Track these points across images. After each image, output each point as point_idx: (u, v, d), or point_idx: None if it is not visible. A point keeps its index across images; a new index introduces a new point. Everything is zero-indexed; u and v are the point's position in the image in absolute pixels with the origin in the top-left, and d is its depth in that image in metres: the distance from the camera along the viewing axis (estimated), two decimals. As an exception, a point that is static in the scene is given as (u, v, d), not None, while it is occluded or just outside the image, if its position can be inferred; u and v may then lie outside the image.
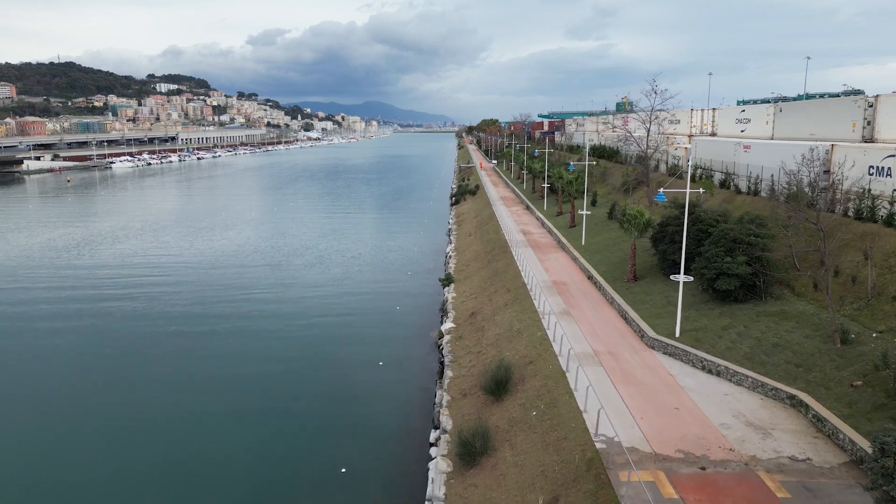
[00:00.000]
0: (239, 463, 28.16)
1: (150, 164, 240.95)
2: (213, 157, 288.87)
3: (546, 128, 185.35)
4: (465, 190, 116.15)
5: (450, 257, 65.44)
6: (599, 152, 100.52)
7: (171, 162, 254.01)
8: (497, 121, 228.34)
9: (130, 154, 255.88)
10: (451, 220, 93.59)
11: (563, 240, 57.63)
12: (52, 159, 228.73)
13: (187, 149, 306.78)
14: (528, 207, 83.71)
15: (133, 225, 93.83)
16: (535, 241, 61.03)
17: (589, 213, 55.03)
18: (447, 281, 54.52)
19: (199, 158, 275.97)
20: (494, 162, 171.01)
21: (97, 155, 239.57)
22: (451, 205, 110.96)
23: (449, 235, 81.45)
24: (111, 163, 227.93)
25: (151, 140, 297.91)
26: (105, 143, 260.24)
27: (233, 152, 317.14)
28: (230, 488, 26.37)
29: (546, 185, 77.10)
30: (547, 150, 77.98)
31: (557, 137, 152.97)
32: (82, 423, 31.89)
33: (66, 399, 34.57)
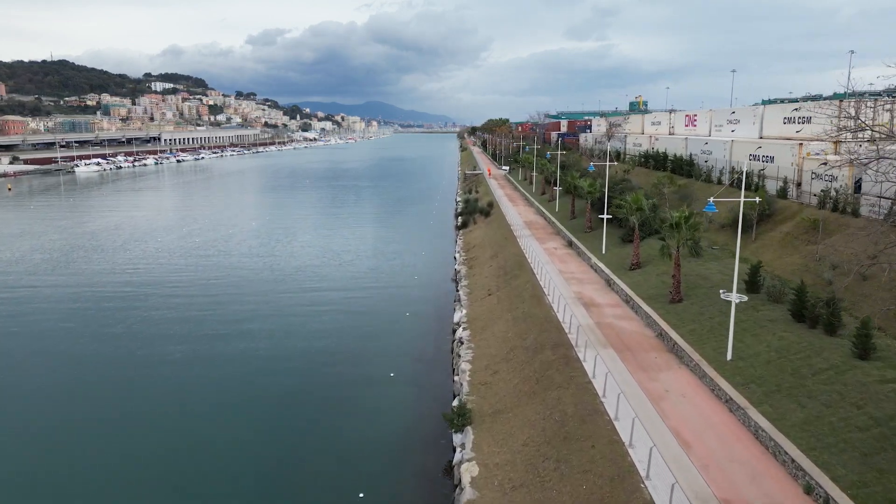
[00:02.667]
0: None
1: (120, 167, 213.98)
2: (196, 159, 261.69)
3: (564, 129, 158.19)
4: (475, 208, 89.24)
5: (461, 343, 38.53)
6: (655, 161, 73.88)
7: (145, 165, 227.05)
8: (507, 121, 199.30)
9: (103, 156, 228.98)
10: (457, 255, 66.95)
11: (674, 335, 30.72)
12: (11, 162, 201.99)
13: (170, 150, 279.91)
14: (570, 244, 56.82)
15: (29, 258, 67.16)
16: (614, 327, 34.18)
17: (744, 298, 28.17)
18: (460, 421, 27.81)
19: (178, 161, 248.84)
20: (506, 169, 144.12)
21: (62, 157, 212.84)
22: (457, 228, 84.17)
23: (456, 284, 54.90)
24: (75, 166, 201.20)
25: (130, 140, 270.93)
26: (74, 144, 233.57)
27: (218, 154, 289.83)
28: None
29: (606, 217, 50.29)
30: (608, 164, 50.78)
31: (581, 140, 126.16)
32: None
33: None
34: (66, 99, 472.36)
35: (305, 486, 25.60)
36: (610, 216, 50.25)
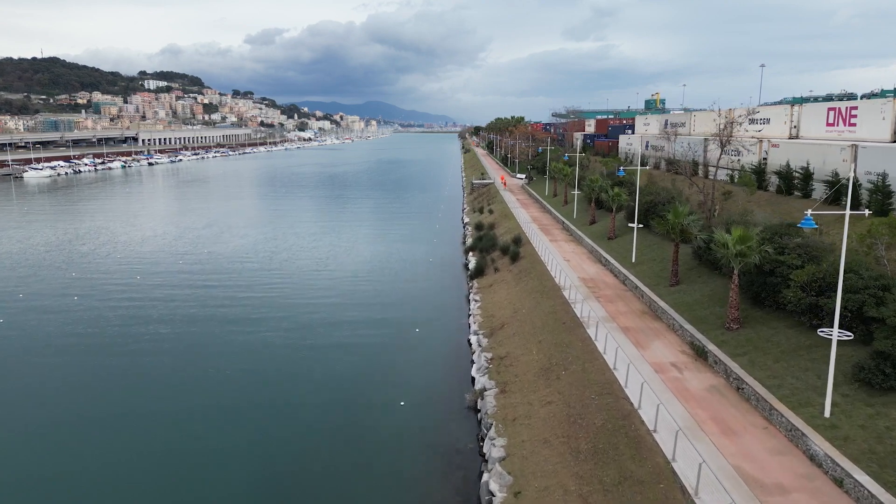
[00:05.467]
0: None
1: (79, 171, 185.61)
2: (172, 161, 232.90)
3: (592, 129, 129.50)
4: (494, 243, 61.28)
5: None
6: (787, 182, 46.01)
7: (110, 169, 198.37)
8: (523, 119, 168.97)
9: (68, 158, 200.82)
10: (474, 338, 38.96)
11: None
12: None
13: (146, 151, 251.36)
14: (703, 353, 28.44)
15: None
16: None
17: None
18: None
19: (150, 164, 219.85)
20: (523, 178, 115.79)
21: (13, 161, 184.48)
22: (469, 275, 55.94)
23: (479, 429, 27.14)
24: (24, 171, 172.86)
25: (101, 141, 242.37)
26: (35, 146, 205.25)
27: (199, 156, 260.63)
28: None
29: (837, 335, 21.79)
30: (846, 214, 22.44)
31: (622, 142, 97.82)
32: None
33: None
34: (57, 97, 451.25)
35: None
36: (831, 333, 21.82)
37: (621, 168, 42.15)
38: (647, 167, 78.22)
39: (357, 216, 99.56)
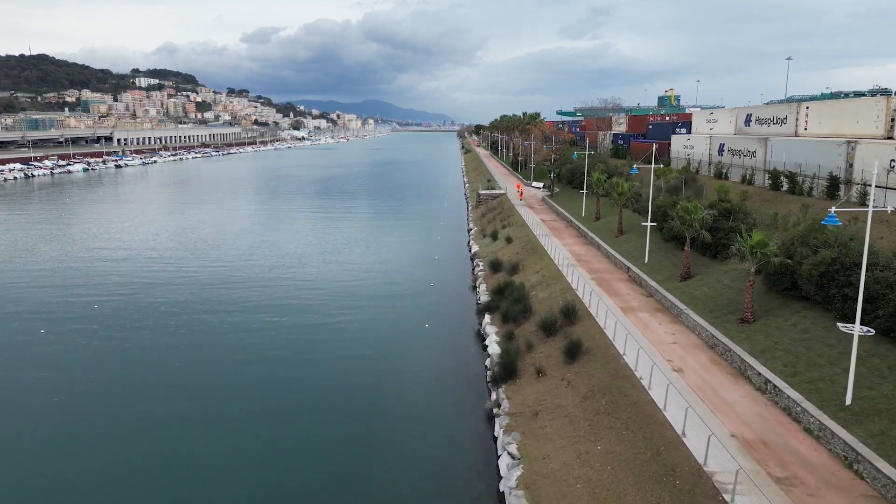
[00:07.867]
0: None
1: (31, 175, 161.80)
2: (144, 163, 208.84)
3: (623, 128, 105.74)
4: (525, 306, 38.14)
5: None
6: None
7: (69, 172, 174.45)
8: (538, 115, 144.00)
9: (26, 160, 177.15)
10: None
11: None
12: None
13: (122, 151, 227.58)
14: None
15: None
16: None
17: None
18: None
19: (118, 166, 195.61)
20: (540, 187, 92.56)
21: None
22: (493, 377, 32.45)
23: None
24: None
25: (69, 141, 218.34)
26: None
27: (178, 157, 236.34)
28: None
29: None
30: None
31: (677, 145, 74.67)
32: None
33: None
34: (46, 95, 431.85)
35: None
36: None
37: (832, 213, 18.82)
38: (734, 181, 55.13)
39: (334, 241, 75.79)
